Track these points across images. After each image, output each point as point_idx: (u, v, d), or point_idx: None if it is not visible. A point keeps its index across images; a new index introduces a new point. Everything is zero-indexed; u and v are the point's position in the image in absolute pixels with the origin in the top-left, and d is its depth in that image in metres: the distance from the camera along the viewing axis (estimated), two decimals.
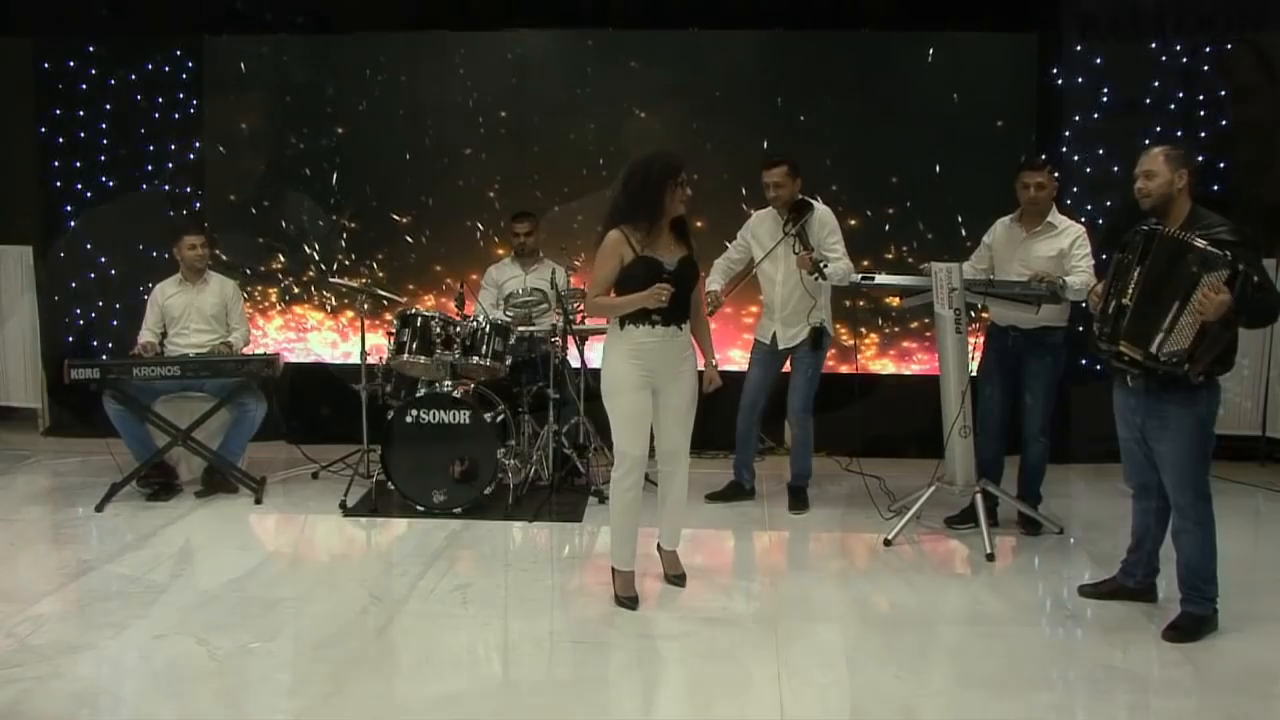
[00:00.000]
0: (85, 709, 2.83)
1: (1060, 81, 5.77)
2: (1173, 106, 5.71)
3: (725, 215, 5.01)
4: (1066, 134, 5.76)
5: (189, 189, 6.18)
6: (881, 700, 2.94)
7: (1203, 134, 5.70)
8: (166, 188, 6.17)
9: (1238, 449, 5.82)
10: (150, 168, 6.17)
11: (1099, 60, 5.73)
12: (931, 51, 5.87)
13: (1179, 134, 5.66)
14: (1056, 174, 4.50)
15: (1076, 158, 5.74)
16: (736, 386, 4.86)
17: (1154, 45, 5.71)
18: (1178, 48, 5.70)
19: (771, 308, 4.77)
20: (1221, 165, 5.69)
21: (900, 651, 3.27)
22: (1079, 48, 5.74)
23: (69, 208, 6.22)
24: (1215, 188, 5.68)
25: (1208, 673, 3.13)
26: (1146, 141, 5.27)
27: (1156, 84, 5.71)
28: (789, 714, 2.86)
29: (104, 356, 5.96)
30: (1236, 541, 4.50)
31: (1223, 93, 5.69)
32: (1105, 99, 5.74)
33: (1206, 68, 5.69)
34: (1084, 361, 5.65)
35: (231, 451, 5.01)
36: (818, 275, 4.43)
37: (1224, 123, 5.69)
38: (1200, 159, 5.65)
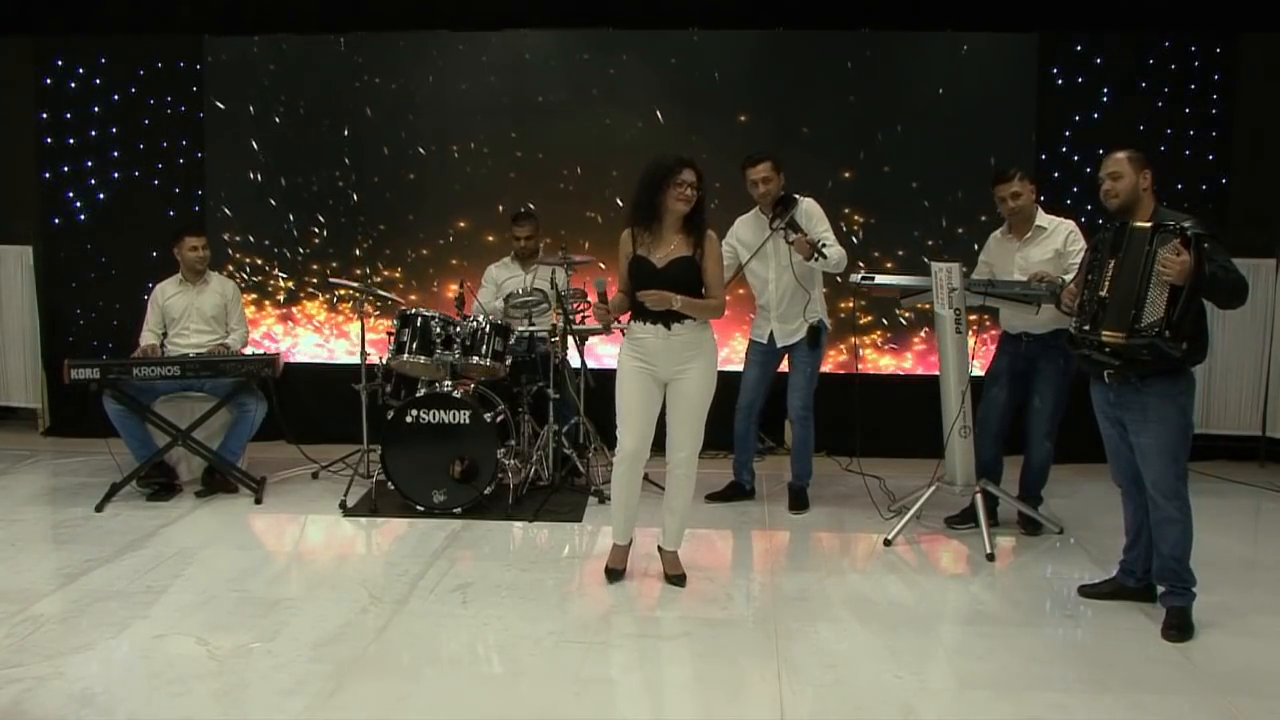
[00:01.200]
0: (85, 709, 2.83)
1: (1060, 81, 5.77)
2: (1172, 107, 5.71)
3: (726, 214, 5.00)
4: (1066, 134, 5.77)
5: (189, 189, 6.18)
6: (881, 700, 2.94)
7: (1202, 133, 5.70)
8: (166, 188, 6.18)
9: (1238, 449, 5.83)
10: (150, 168, 6.18)
11: (1099, 60, 5.74)
12: (931, 51, 5.88)
13: (1178, 134, 5.68)
14: (1037, 177, 4.48)
15: (1076, 158, 5.75)
16: (734, 387, 4.87)
17: (1153, 45, 5.71)
18: (1177, 48, 5.70)
19: (767, 308, 4.75)
20: (1221, 165, 5.69)
21: (900, 651, 3.27)
22: (1079, 48, 5.75)
23: (69, 208, 6.22)
24: (1213, 187, 5.69)
25: (1207, 672, 3.13)
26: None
27: (1155, 84, 5.71)
28: (789, 714, 2.86)
29: (104, 356, 5.97)
30: (1236, 541, 4.52)
31: (1222, 93, 5.69)
32: (1105, 99, 5.74)
33: (1206, 68, 5.70)
34: None
35: (231, 451, 5.01)
36: (817, 257, 4.42)
37: (1223, 123, 5.69)
38: (1210, 158, 5.69)
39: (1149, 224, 3.28)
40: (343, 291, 6.00)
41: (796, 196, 4.59)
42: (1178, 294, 3.17)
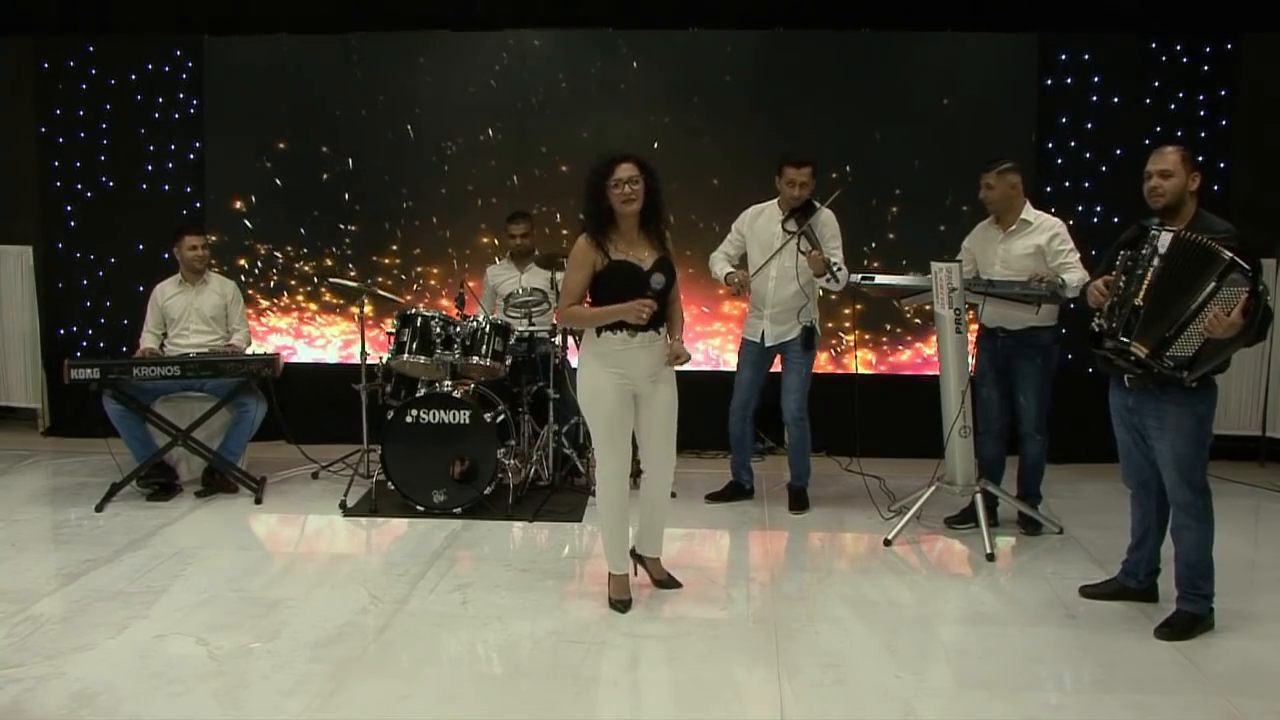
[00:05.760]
0: (85, 709, 2.83)
1: (1060, 81, 5.76)
2: (1172, 107, 5.71)
3: (724, 214, 5.01)
4: (1067, 134, 5.76)
5: (189, 189, 6.18)
6: (881, 700, 2.94)
7: (1202, 134, 5.70)
8: (166, 188, 6.18)
9: (1238, 449, 5.82)
10: (150, 168, 6.18)
11: (1099, 60, 5.74)
12: (931, 51, 5.87)
13: (1179, 134, 5.67)
14: (1013, 170, 4.39)
15: (1076, 157, 5.74)
16: (727, 388, 4.87)
17: (1153, 45, 5.71)
18: (1177, 48, 5.70)
19: (761, 304, 4.72)
20: (1220, 165, 5.69)
21: (900, 651, 3.27)
22: (1079, 48, 5.75)
23: (69, 208, 6.22)
24: (1214, 188, 5.68)
25: (1208, 672, 3.13)
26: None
27: (1155, 84, 5.71)
28: (789, 714, 2.86)
29: (104, 356, 5.97)
30: (1236, 541, 4.51)
31: (1222, 93, 5.69)
32: (1105, 99, 5.74)
33: (1206, 68, 5.70)
34: (1081, 360, 5.65)
35: (231, 451, 5.01)
36: (829, 277, 4.41)
37: (1223, 123, 5.69)
38: (1200, 159, 5.67)
39: (1204, 239, 3.12)
40: (343, 292, 6.00)
41: (818, 204, 4.54)
42: (1211, 343, 3.13)
